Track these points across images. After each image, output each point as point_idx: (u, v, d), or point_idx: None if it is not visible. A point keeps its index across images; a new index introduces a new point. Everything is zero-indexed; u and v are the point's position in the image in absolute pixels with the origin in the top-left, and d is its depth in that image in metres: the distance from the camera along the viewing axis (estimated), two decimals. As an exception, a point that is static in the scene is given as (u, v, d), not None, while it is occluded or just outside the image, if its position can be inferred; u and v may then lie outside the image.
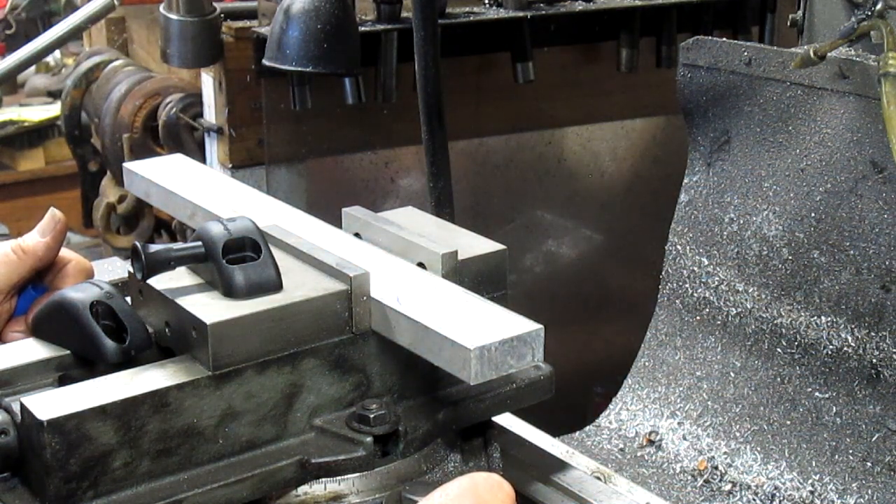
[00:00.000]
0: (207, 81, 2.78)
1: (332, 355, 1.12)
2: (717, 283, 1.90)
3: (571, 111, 3.16)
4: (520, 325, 1.06)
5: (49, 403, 1.00)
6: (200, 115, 2.88)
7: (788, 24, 2.00)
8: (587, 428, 1.97)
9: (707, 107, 1.92)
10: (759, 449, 1.79)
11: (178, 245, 1.11)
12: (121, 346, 1.09)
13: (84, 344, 1.10)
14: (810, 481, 1.73)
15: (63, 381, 1.12)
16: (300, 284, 1.12)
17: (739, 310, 1.87)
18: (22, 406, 1.01)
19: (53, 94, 5.48)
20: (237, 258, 1.11)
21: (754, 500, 1.75)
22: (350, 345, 1.13)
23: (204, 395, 1.05)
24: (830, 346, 1.75)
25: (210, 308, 1.07)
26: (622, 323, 3.07)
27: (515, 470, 1.31)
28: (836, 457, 1.71)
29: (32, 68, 5.03)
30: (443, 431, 1.19)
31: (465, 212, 2.83)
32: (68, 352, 1.13)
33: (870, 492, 1.67)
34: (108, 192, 3.44)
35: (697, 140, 1.95)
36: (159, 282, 1.12)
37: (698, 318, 1.92)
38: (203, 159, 2.84)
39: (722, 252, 1.90)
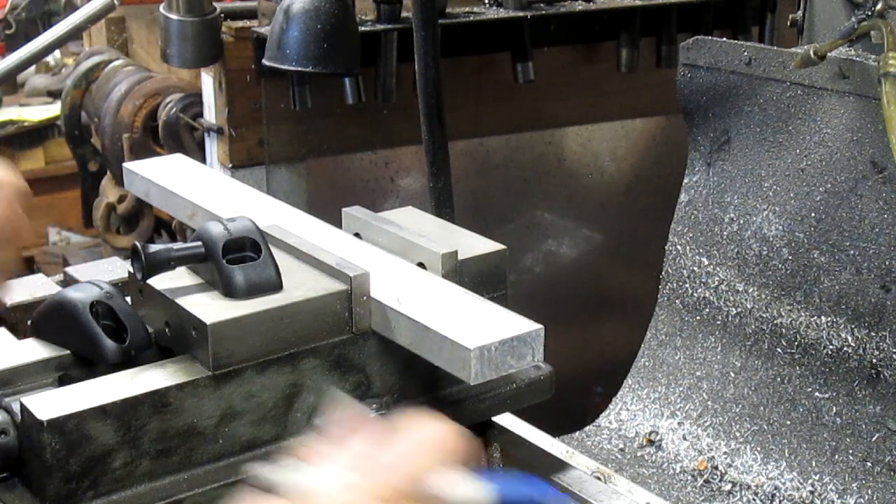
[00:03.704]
0: (207, 81, 2.78)
1: (332, 355, 1.12)
2: (717, 283, 1.90)
3: (571, 111, 3.16)
4: (520, 325, 1.06)
5: (49, 403, 1.00)
6: (200, 115, 2.87)
7: (788, 24, 2.00)
8: (587, 428, 1.97)
9: (707, 107, 1.92)
10: (759, 449, 1.79)
11: (178, 245, 1.11)
12: (121, 346, 1.09)
13: (84, 344, 1.10)
14: (810, 481, 1.72)
15: (63, 381, 1.12)
16: (300, 284, 1.12)
17: (739, 310, 1.86)
18: (22, 406, 1.01)
19: (53, 94, 5.47)
20: (237, 258, 1.11)
21: (754, 500, 1.75)
22: (350, 345, 1.13)
23: (204, 395, 1.05)
24: (830, 346, 1.75)
25: (210, 308, 1.07)
26: (622, 323, 3.06)
27: (515, 470, 1.31)
28: (836, 457, 1.71)
29: (32, 68, 5.02)
30: (443, 431, 1.19)
31: (465, 212, 2.83)
32: (68, 352, 1.13)
33: (870, 492, 1.67)
34: (108, 192, 3.43)
35: (697, 140, 1.95)
36: (159, 282, 1.12)
37: (698, 318, 1.92)
38: (203, 159, 2.83)
39: (722, 252, 1.90)
